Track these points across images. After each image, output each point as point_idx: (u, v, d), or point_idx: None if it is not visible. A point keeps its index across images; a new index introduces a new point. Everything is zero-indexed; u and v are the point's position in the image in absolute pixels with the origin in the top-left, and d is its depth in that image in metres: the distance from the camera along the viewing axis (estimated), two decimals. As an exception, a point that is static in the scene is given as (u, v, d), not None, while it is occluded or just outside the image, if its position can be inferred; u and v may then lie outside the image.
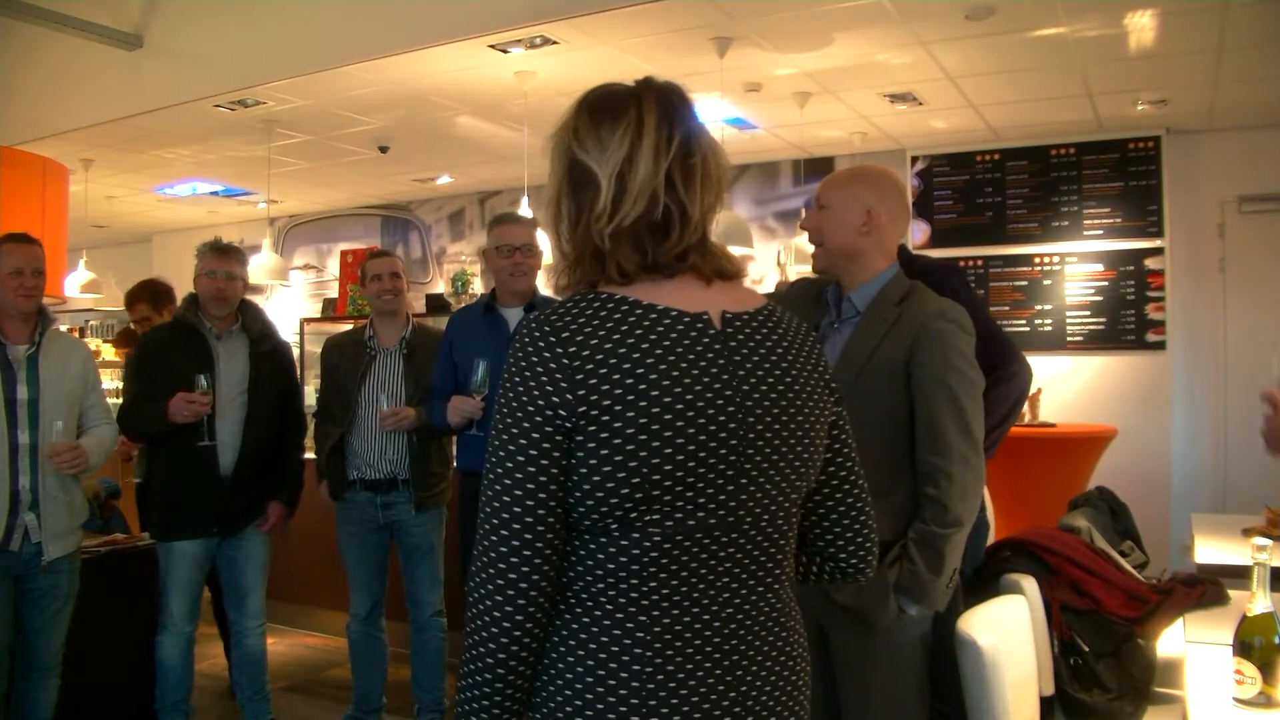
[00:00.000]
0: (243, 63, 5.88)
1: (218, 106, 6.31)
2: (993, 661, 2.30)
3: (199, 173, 8.46)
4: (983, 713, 2.32)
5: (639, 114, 1.42)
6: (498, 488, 1.34)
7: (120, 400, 6.23)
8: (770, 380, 1.43)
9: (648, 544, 1.34)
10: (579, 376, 1.32)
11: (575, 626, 1.36)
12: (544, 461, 1.32)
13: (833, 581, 1.68)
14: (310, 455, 4.60)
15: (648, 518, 1.33)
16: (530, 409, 1.33)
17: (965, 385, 2.45)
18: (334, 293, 9.23)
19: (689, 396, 1.34)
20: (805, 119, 6.51)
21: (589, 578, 1.36)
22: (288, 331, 7.30)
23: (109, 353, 8.90)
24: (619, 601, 1.35)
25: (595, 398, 1.31)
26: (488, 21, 4.99)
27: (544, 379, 1.33)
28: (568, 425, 1.32)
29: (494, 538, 1.33)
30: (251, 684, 4.34)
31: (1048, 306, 7.02)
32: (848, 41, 5.21)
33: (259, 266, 7.43)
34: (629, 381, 1.32)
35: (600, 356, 1.33)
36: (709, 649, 1.37)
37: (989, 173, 7.24)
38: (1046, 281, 7.06)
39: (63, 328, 4.03)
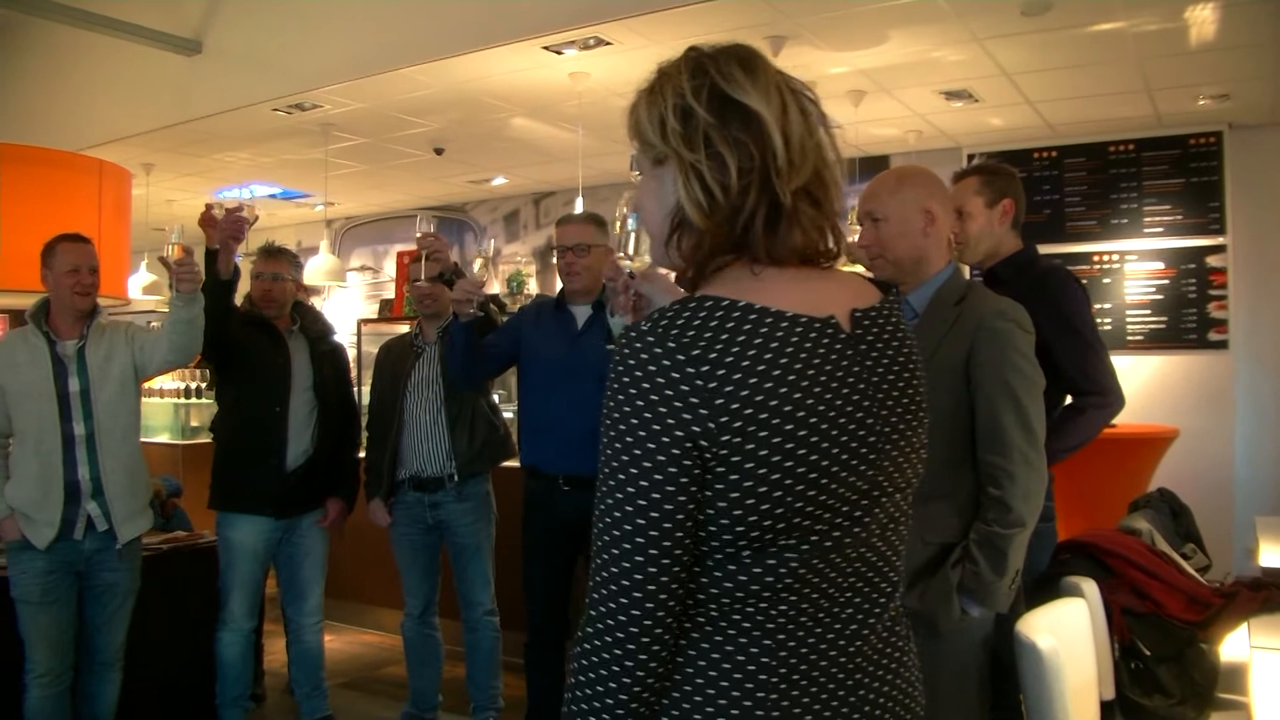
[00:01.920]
0: (299, 67, 5.95)
1: (275, 110, 6.40)
2: (1053, 664, 2.28)
3: (257, 175, 8.57)
4: (1042, 716, 2.30)
5: (771, 71, 1.29)
6: (627, 527, 1.17)
7: (176, 402, 6.29)
8: (900, 385, 1.32)
9: (782, 569, 1.21)
10: (718, 401, 1.15)
11: (693, 654, 1.23)
12: (680, 497, 1.16)
13: None
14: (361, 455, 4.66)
15: (783, 541, 1.20)
16: (665, 439, 1.16)
17: (1026, 385, 2.43)
18: (390, 293, 9.32)
19: (831, 413, 1.21)
20: (860, 117, 6.47)
21: (712, 605, 1.22)
22: (345, 332, 7.38)
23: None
24: (743, 626, 1.22)
25: (737, 423, 1.16)
26: (542, 23, 5.02)
27: (675, 402, 1.16)
28: (705, 454, 1.16)
29: (622, 583, 1.17)
30: (309, 679, 4.40)
31: (1107, 305, 6.92)
32: (902, 39, 5.18)
33: (316, 268, 7.53)
34: (772, 402, 1.17)
35: (738, 376, 1.16)
36: (834, 670, 1.26)
37: (1046, 170, 7.16)
38: (1106, 280, 6.97)
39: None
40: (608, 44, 5.21)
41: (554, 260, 4.07)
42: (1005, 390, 2.40)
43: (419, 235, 4.04)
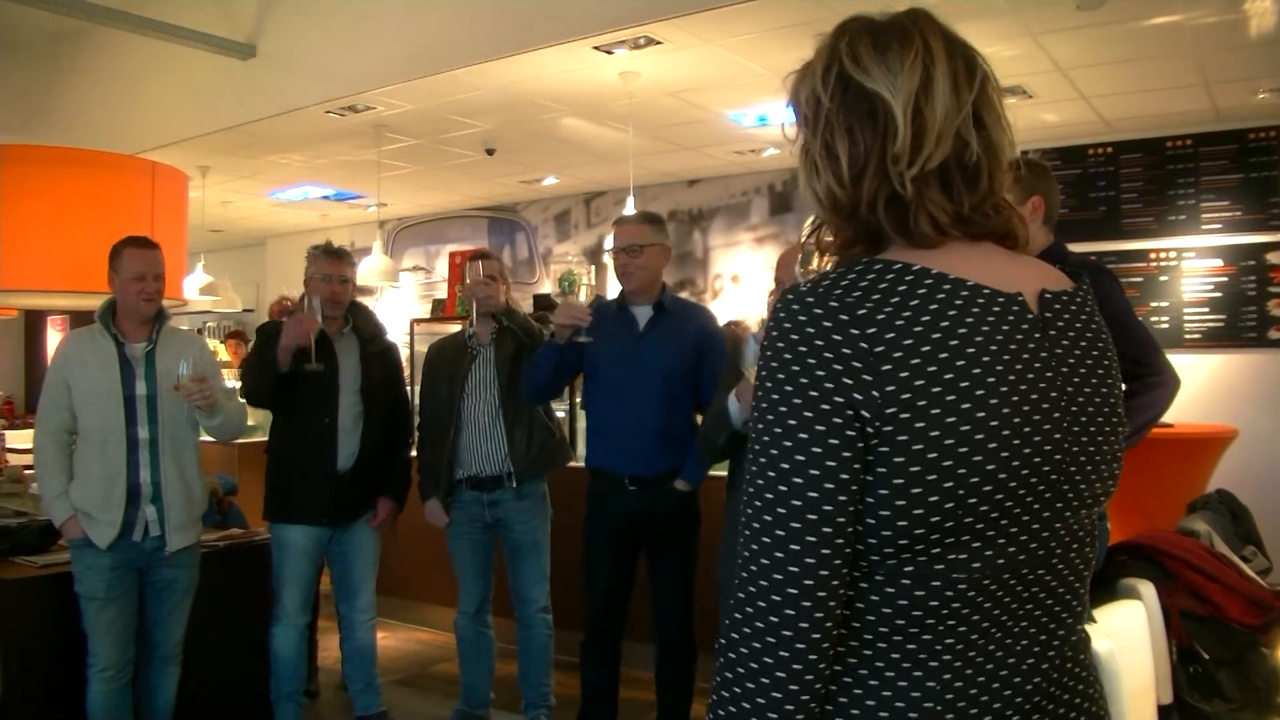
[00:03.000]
0: (352, 69, 6.01)
1: (328, 112, 6.46)
2: (1109, 668, 2.25)
3: (311, 177, 8.66)
4: (1098, 720, 2.27)
5: (925, 39, 1.13)
6: (780, 510, 1.02)
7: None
8: (1093, 382, 1.15)
9: (949, 592, 1.05)
10: (885, 367, 1.01)
11: (844, 701, 1.08)
12: (842, 475, 1.01)
13: None
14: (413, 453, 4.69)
15: (952, 556, 1.04)
16: (823, 406, 1.02)
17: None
18: (443, 293, 9.38)
19: (1014, 397, 1.05)
20: (911, 114, 6.41)
21: (867, 636, 1.08)
22: (398, 332, 7.43)
23: (224, 353, 9.16)
24: (904, 667, 1.07)
25: (906, 395, 1.01)
26: (592, 24, 5.03)
27: (837, 368, 1.02)
28: (870, 430, 1.02)
29: (771, 578, 1.02)
30: (362, 676, 4.44)
31: (1164, 303, 6.82)
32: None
33: (369, 268, 7.59)
34: (946, 375, 1.02)
35: (909, 341, 1.02)
36: (1010, 712, 1.09)
37: (1102, 166, 7.07)
38: (1163, 278, 6.86)
39: (183, 327, 4.16)
40: (658, 43, 5.21)
41: (605, 259, 4.09)
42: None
43: (468, 282, 4.13)
